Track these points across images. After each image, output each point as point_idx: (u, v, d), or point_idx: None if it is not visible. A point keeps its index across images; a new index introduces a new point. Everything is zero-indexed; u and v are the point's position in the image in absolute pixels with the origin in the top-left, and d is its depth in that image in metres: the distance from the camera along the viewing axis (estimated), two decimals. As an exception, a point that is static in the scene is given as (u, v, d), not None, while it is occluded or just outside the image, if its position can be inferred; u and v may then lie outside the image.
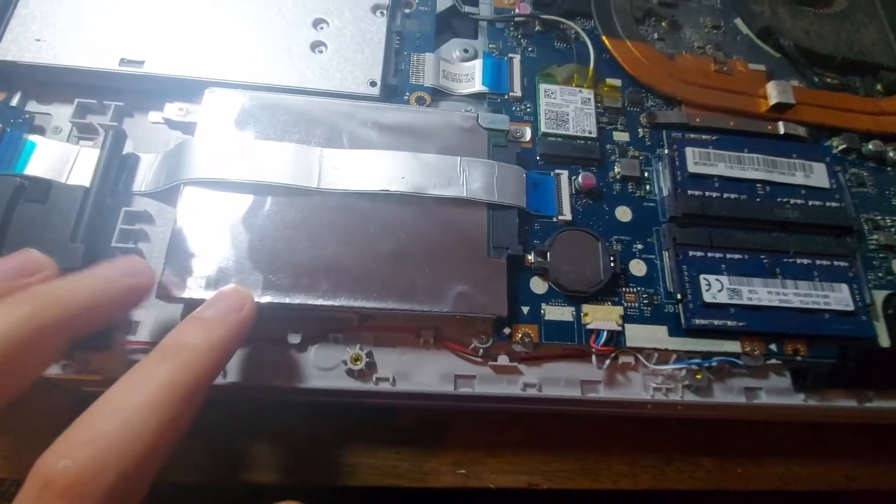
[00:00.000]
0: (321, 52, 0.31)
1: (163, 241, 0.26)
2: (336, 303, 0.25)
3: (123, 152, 0.29)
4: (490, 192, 0.28)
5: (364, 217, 0.27)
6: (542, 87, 0.32)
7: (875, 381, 0.29)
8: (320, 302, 0.25)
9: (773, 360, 0.28)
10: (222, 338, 0.21)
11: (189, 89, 0.30)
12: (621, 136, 0.33)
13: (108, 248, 0.27)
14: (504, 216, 0.28)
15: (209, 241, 0.26)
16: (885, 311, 0.30)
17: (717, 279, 0.29)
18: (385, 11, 0.33)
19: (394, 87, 0.31)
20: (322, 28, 0.32)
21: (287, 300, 0.25)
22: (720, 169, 0.32)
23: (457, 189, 0.28)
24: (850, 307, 0.29)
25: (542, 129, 0.31)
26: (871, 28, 0.38)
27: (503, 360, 0.27)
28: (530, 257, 0.28)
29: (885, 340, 0.29)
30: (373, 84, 0.30)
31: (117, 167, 0.28)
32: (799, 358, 0.28)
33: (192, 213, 0.26)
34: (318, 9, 0.32)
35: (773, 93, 0.34)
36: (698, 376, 0.28)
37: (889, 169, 0.34)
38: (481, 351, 0.27)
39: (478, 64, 0.33)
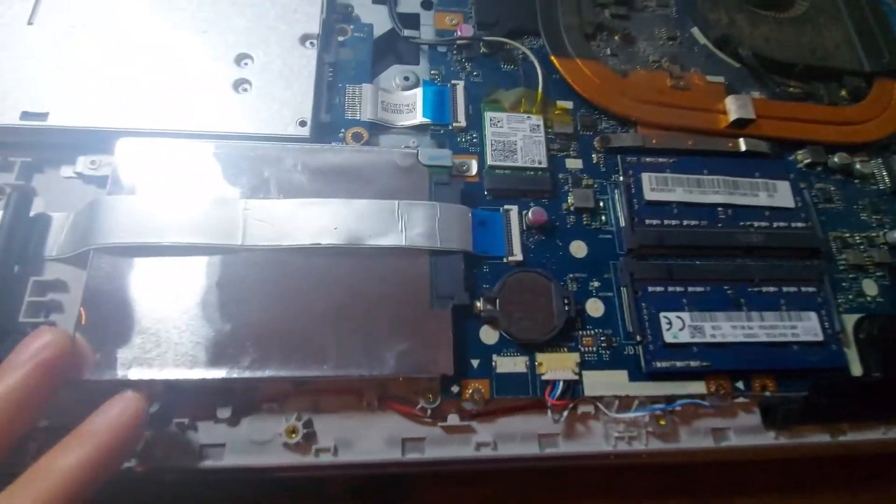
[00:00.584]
0: (245, 90, 0.28)
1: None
2: (265, 374, 0.23)
3: (32, 213, 0.27)
4: (432, 237, 0.26)
5: (295, 274, 0.25)
6: (488, 115, 0.30)
7: (848, 413, 0.28)
8: (248, 375, 0.23)
9: (741, 399, 0.27)
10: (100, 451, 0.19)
11: (102, 140, 0.27)
12: (574, 164, 0.31)
13: (15, 323, 0.25)
14: (448, 262, 0.26)
15: (121, 314, 0.23)
16: (857, 336, 0.29)
17: (678, 316, 0.27)
18: (315, 42, 0.30)
19: (327, 125, 0.29)
20: (246, 64, 0.29)
21: (210, 375, 0.23)
22: (679, 194, 0.30)
23: (395, 237, 0.26)
24: (820, 337, 0.28)
25: (489, 161, 0.29)
26: (834, 31, 0.37)
27: (453, 419, 0.25)
28: (479, 304, 0.27)
29: (856, 368, 0.28)
30: (302, 124, 0.28)
31: (24, 231, 0.26)
32: (768, 394, 0.27)
33: (102, 282, 0.24)
34: (240, 43, 0.29)
35: (733, 108, 0.32)
36: (662, 422, 0.26)
37: (857, 182, 0.33)
38: (429, 411, 0.25)
39: (418, 93, 0.31)
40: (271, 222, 0.26)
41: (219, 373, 0.23)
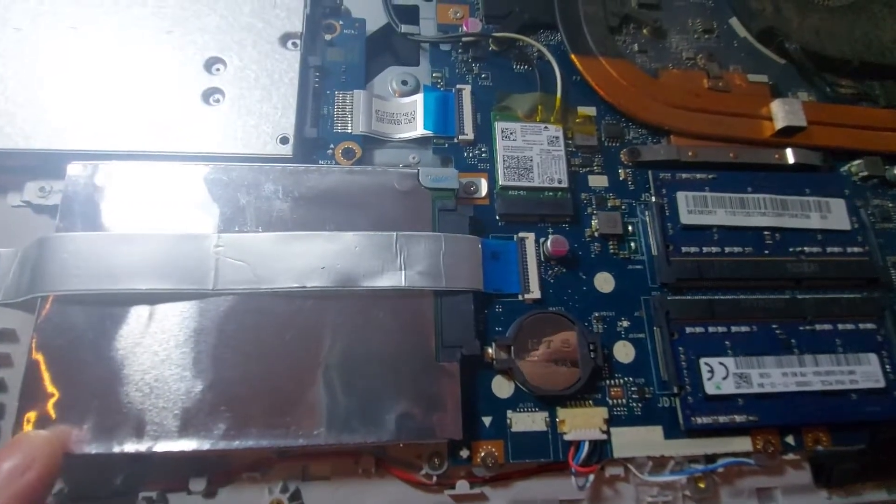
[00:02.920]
0: (217, 102, 0.24)
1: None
2: (244, 444, 0.20)
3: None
4: (436, 275, 0.23)
5: (277, 323, 0.21)
6: (499, 126, 0.26)
7: None
8: (223, 446, 0.20)
9: (791, 455, 0.24)
10: None
11: (53, 164, 0.24)
12: (599, 182, 0.27)
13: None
14: (455, 304, 0.23)
15: (74, 373, 0.20)
16: None
17: (720, 363, 0.24)
18: (298, 42, 0.26)
19: (313, 141, 0.25)
20: (217, 70, 0.25)
21: (178, 447, 0.20)
22: (720, 216, 0.26)
23: (393, 277, 0.22)
24: (881, 383, 0.24)
25: (500, 181, 0.25)
26: (892, 21, 0.32)
27: (462, 486, 0.22)
28: (491, 351, 0.23)
29: (922, 417, 0.25)
30: (283, 141, 0.24)
31: (-36, 271, 0.23)
32: (821, 449, 0.24)
33: (52, 336, 0.20)
34: (210, 45, 0.25)
35: (780, 114, 0.28)
36: (701, 485, 0.23)
37: (918, 196, 0.30)
38: (435, 477, 0.22)
39: (418, 100, 0.27)
40: (248, 262, 0.22)
41: (189, 444, 0.20)
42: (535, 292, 0.24)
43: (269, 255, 0.22)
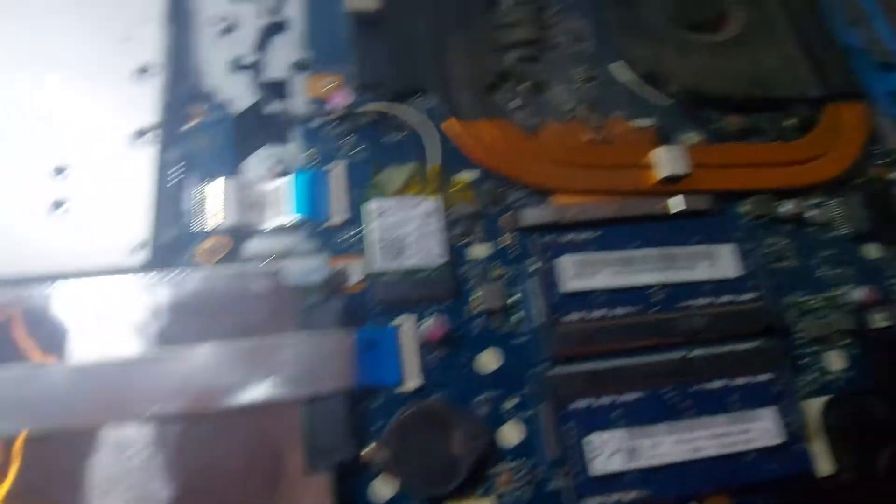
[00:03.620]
0: (65, 212, 0.23)
1: None
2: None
3: None
4: (302, 381, 0.22)
5: (126, 457, 0.20)
6: (372, 204, 0.25)
7: None
8: None
9: None
10: None
11: None
12: (480, 252, 0.26)
13: None
14: (326, 408, 0.21)
15: None
16: (824, 425, 0.25)
17: (608, 437, 0.23)
18: (154, 136, 0.25)
19: (174, 242, 0.24)
20: (65, 178, 0.24)
21: None
22: (605, 277, 0.25)
23: (255, 390, 0.21)
24: (778, 438, 0.23)
25: (374, 265, 0.24)
26: (775, 52, 0.32)
27: None
28: (368, 452, 0.22)
29: (825, 465, 0.24)
30: (137, 248, 0.23)
31: None
32: None
33: None
34: (57, 151, 0.24)
35: (662, 163, 0.27)
36: (599, 569, 0.23)
37: (812, 231, 0.29)
38: None
39: (287, 183, 0.26)
40: (97, 391, 0.21)
41: None
42: (414, 381, 0.23)
43: (120, 380, 0.21)
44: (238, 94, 0.28)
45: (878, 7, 0.45)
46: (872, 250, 0.29)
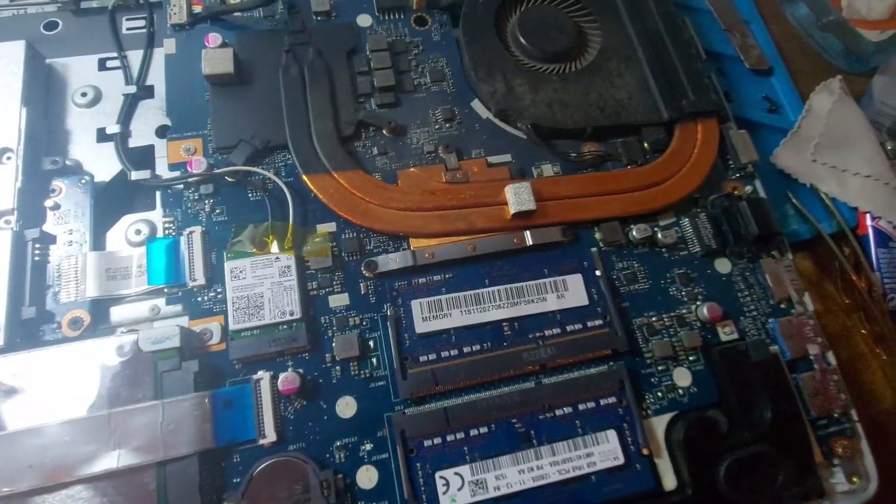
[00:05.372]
0: (-79, 302, 0.25)
1: None
2: None
3: None
4: (154, 447, 0.23)
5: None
6: (228, 265, 0.26)
7: None
8: None
9: None
10: None
11: None
12: (340, 301, 0.27)
13: None
14: (179, 470, 0.22)
15: None
16: (668, 441, 0.27)
17: (456, 473, 0.24)
18: (10, 219, 0.26)
19: (34, 320, 0.25)
20: (-79, 267, 0.25)
21: None
22: (455, 318, 0.26)
23: (107, 460, 0.22)
24: (620, 459, 0.25)
25: (231, 325, 0.25)
26: (628, 76, 0.33)
27: None
28: (226, 507, 0.24)
29: (670, 481, 0.26)
30: (-7, 331, 0.24)
31: None
32: None
33: None
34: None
35: (511, 200, 0.28)
36: None
37: (665, 252, 0.30)
38: None
39: (143, 253, 0.27)
40: (-51, 474, 0.22)
41: None
42: (271, 435, 0.24)
43: (-29, 464, 0.22)
44: (104, 164, 0.29)
45: (756, 12, 0.47)
46: (723, 265, 0.30)
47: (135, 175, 0.28)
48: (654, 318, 0.28)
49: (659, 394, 0.27)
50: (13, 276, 0.25)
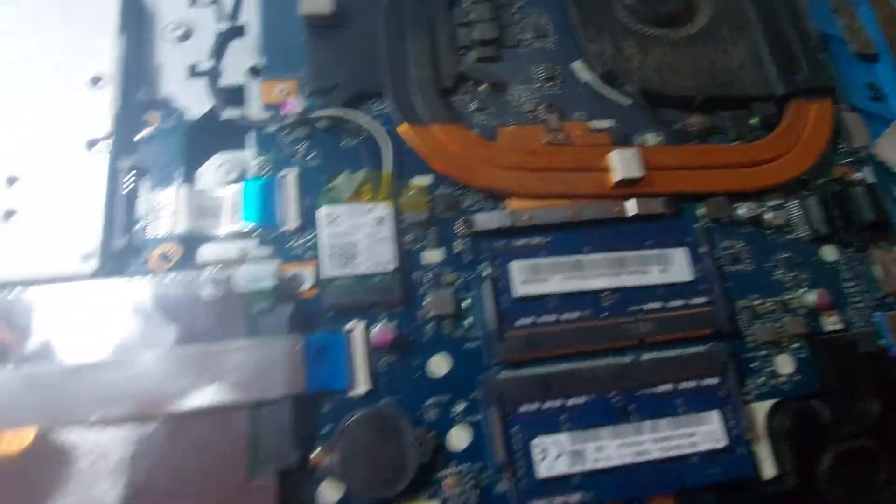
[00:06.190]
0: (17, 221, 0.23)
1: None
2: None
3: None
4: (248, 387, 0.22)
5: (76, 458, 0.20)
6: (323, 211, 0.25)
7: None
8: None
9: None
10: None
11: None
12: (433, 257, 0.26)
13: None
14: (271, 414, 0.22)
15: None
16: (770, 428, 0.25)
17: (554, 441, 0.23)
18: (106, 144, 0.25)
19: (126, 250, 0.24)
20: (16, 186, 0.24)
21: None
22: (555, 283, 0.26)
23: (201, 396, 0.22)
24: (723, 442, 0.24)
25: (325, 271, 0.25)
26: (740, 46, 0.31)
27: None
28: (315, 457, 0.23)
29: (769, 469, 0.24)
30: (87, 257, 0.23)
31: None
32: None
33: None
34: (11, 160, 0.24)
35: (616, 167, 0.27)
36: (542, 569, 0.23)
37: (770, 233, 0.29)
38: None
39: (240, 191, 0.26)
40: (41, 395, 0.21)
41: None
42: (363, 386, 0.23)
43: (66, 386, 0.21)
44: (194, 100, 0.28)
45: (865, -7, 0.44)
46: (830, 253, 0.29)
47: (226, 114, 0.28)
48: (757, 302, 0.27)
49: (760, 379, 0.26)
50: (109, 203, 0.24)
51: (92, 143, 0.25)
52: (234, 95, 0.28)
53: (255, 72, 0.29)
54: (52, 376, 0.21)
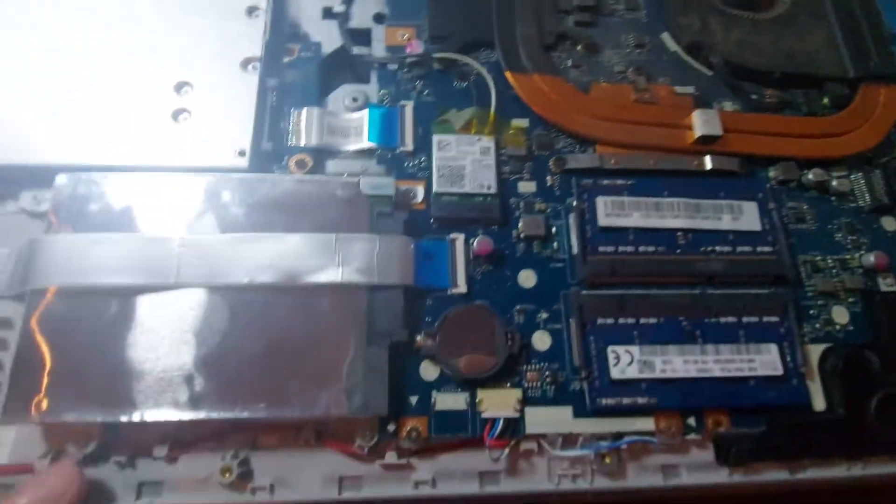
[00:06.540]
0: (185, 119, 0.28)
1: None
2: (198, 415, 0.23)
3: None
4: (370, 271, 0.26)
5: (229, 313, 0.24)
6: (436, 138, 0.29)
7: (808, 450, 0.27)
8: (181, 416, 0.23)
9: (694, 435, 0.27)
10: None
11: (42, 176, 0.27)
12: (527, 187, 0.29)
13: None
14: (387, 297, 0.26)
15: (59, 355, 0.23)
16: (821, 369, 0.28)
17: (626, 351, 0.26)
18: (257, 65, 0.30)
19: (269, 153, 0.28)
20: (186, 92, 0.29)
21: (144, 417, 0.23)
22: (635, 219, 0.29)
23: (331, 273, 0.25)
24: (779, 371, 0.26)
25: (435, 188, 0.28)
26: (817, 32, 0.34)
27: (391, 456, 0.25)
28: (419, 339, 0.26)
29: (819, 402, 0.27)
30: (241, 154, 0.27)
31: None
32: (722, 430, 0.26)
33: (39, 323, 0.24)
34: (180, 70, 0.29)
35: (698, 124, 0.30)
36: (607, 460, 0.26)
37: (833, 199, 0.31)
38: (366, 449, 0.25)
39: (365, 115, 0.30)
40: (206, 260, 0.25)
41: (154, 414, 0.23)
42: (462, 287, 0.27)
43: (223, 255, 0.25)
44: (327, 38, 0.32)
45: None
46: (890, 223, 0.31)
47: (356, 50, 0.32)
48: (818, 258, 0.29)
49: (816, 325, 0.28)
50: (258, 113, 0.28)
51: (246, 63, 0.29)
52: (361, 37, 0.33)
53: (379, 18, 0.33)
54: (216, 245, 0.25)
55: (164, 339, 0.24)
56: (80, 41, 0.29)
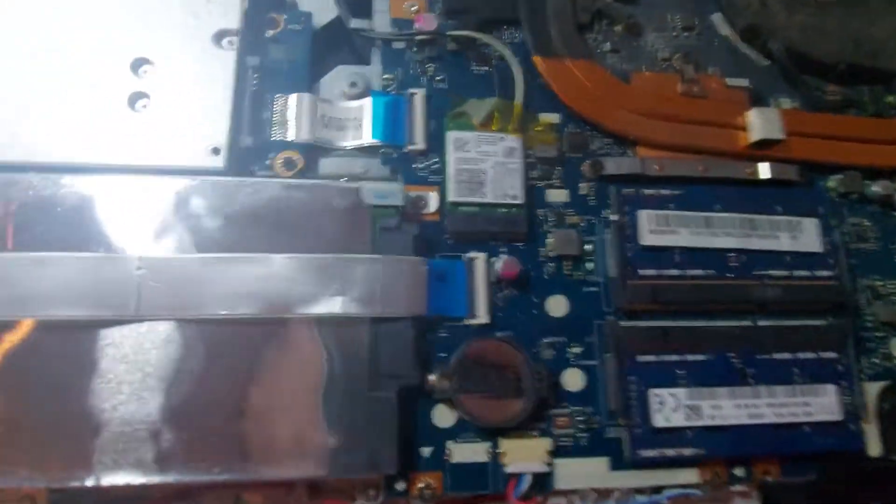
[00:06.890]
0: (143, 107, 0.23)
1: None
2: (166, 479, 0.19)
3: None
4: (373, 301, 0.21)
5: (203, 352, 0.20)
6: (452, 135, 0.24)
7: (861, 497, 0.25)
8: (145, 480, 0.19)
9: (738, 487, 0.24)
10: None
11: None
12: (558, 196, 0.25)
13: None
14: (394, 331, 0.21)
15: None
16: (880, 409, 0.25)
17: (671, 394, 0.23)
18: (234, 40, 0.24)
19: (250, 150, 0.23)
20: (145, 72, 0.23)
21: (100, 482, 0.19)
22: (683, 237, 0.25)
23: (327, 304, 0.21)
24: (837, 416, 0.23)
25: (451, 196, 0.24)
26: (888, 16, 0.30)
27: (399, 517, 0.22)
28: (432, 379, 0.23)
29: (874, 448, 0.24)
30: (215, 151, 0.22)
31: None
32: (769, 479, 0.24)
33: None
34: (137, 44, 0.23)
35: (756, 125, 0.26)
36: (645, 516, 0.23)
37: (896, 214, 0.28)
38: (370, 509, 0.22)
39: (366, 105, 0.25)
40: (172, 286, 0.20)
41: (111, 479, 0.19)
42: (482, 316, 0.23)
43: (195, 279, 0.21)
44: (320, 6, 0.27)
45: None
46: (957, 243, 0.28)
47: (354, 23, 0.27)
48: (878, 283, 0.26)
49: (875, 360, 0.25)
50: (236, 100, 0.23)
51: (220, 36, 0.24)
52: (361, 6, 0.27)
53: (384, -17, 0.28)
54: (185, 267, 0.21)
55: (123, 384, 0.20)
56: (12, 9, 0.23)
